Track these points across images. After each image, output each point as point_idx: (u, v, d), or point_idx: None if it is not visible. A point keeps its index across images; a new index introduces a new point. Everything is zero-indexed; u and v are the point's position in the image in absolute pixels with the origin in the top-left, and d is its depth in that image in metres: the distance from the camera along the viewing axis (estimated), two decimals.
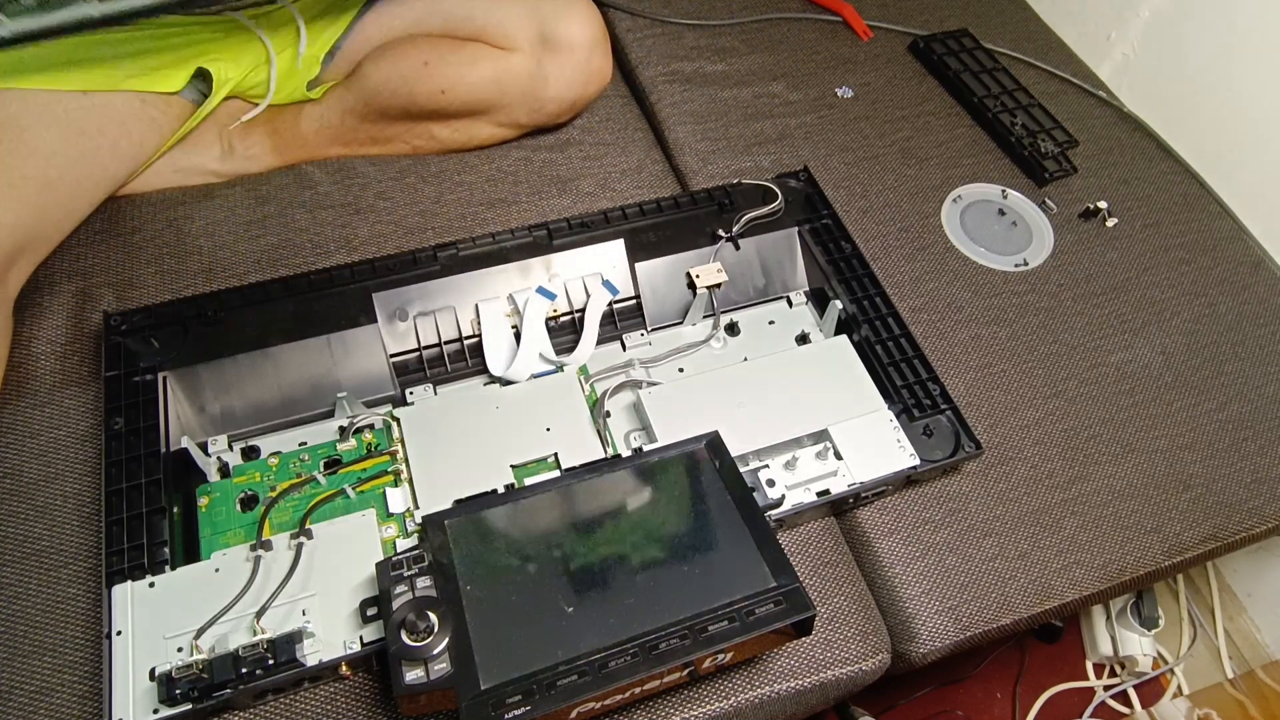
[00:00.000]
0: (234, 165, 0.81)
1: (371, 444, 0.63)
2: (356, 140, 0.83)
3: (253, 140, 0.82)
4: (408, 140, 0.83)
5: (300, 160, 0.83)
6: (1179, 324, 0.82)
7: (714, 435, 0.59)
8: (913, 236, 0.85)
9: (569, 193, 0.83)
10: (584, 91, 0.83)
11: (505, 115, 0.82)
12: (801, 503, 0.62)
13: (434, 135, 0.83)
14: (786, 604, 0.50)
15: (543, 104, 0.82)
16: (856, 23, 1.04)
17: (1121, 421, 0.74)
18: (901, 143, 0.93)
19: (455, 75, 0.77)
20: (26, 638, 0.56)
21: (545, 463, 0.63)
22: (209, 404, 0.63)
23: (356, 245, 0.77)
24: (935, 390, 0.68)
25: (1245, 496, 0.72)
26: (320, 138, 0.82)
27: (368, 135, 0.82)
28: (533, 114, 0.82)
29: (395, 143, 0.83)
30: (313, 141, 0.82)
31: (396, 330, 0.67)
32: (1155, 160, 0.96)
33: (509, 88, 0.79)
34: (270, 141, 0.82)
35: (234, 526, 0.58)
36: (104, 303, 0.71)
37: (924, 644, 0.63)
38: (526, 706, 0.45)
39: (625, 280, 0.72)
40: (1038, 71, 1.04)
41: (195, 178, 0.80)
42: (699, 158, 0.89)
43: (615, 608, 0.50)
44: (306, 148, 0.83)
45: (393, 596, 0.50)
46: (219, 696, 0.50)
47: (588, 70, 0.81)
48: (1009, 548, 0.66)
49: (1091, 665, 1.09)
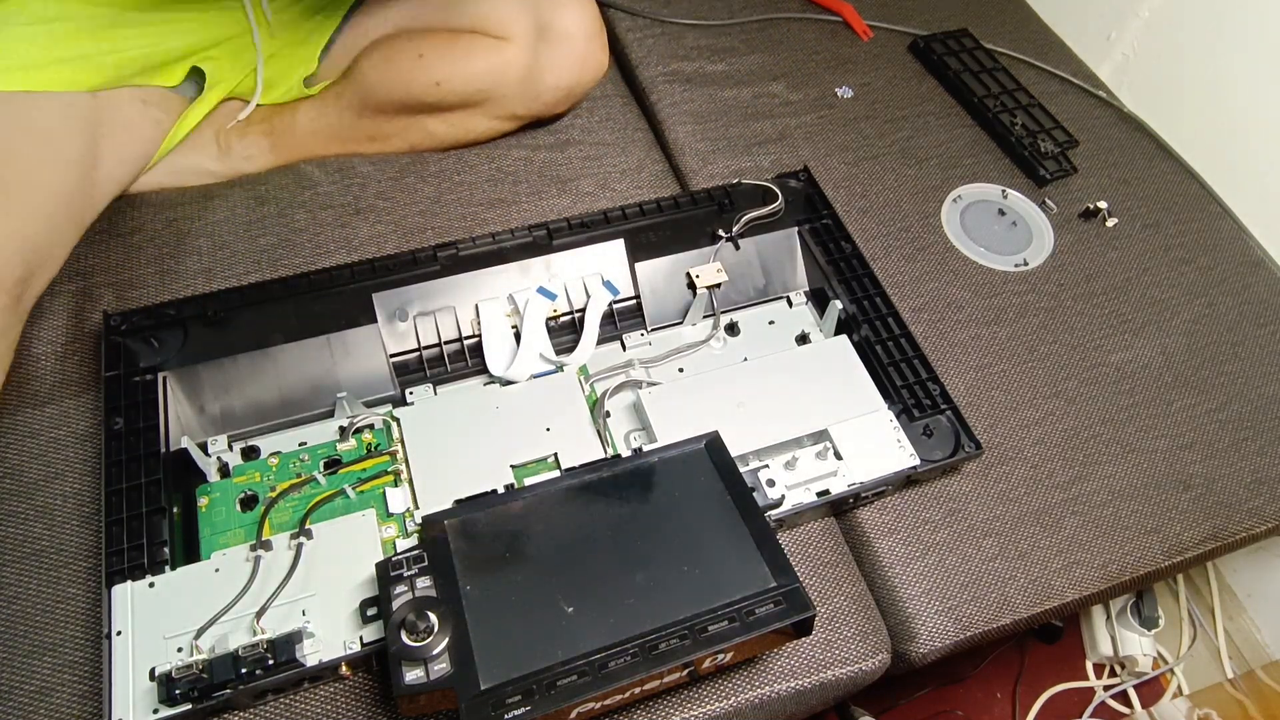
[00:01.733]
0: (231, 165, 0.81)
1: (371, 444, 0.63)
2: (353, 139, 0.82)
3: (249, 140, 0.82)
4: (404, 137, 0.83)
5: (297, 159, 0.83)
6: (1179, 324, 0.82)
7: (714, 435, 0.59)
8: (913, 236, 0.85)
9: (569, 193, 0.83)
10: (580, 80, 0.83)
11: (501, 107, 0.81)
12: (801, 503, 0.62)
13: (430, 131, 0.82)
14: (786, 604, 0.50)
15: (539, 94, 0.81)
16: (856, 23, 1.04)
17: (1121, 421, 0.74)
18: (901, 143, 0.93)
19: (450, 67, 0.77)
20: (26, 638, 0.56)
21: (545, 463, 0.63)
22: (209, 404, 0.63)
23: (356, 245, 0.77)
24: (935, 390, 0.68)
25: (1245, 496, 0.72)
26: (317, 137, 0.82)
27: (364, 133, 0.82)
28: (529, 104, 0.82)
29: (392, 140, 0.83)
30: (309, 140, 0.82)
31: (396, 330, 0.67)
32: (1155, 160, 0.96)
33: (505, 78, 0.78)
34: (267, 141, 0.82)
35: (234, 527, 0.58)
36: (104, 303, 0.71)
37: (924, 644, 0.63)
38: (526, 707, 0.45)
39: (625, 280, 0.72)
40: (1038, 71, 1.04)
41: (192, 178, 0.80)
42: (699, 158, 0.89)
43: (615, 608, 0.50)
44: (303, 147, 0.83)
45: (392, 596, 0.50)
46: (219, 697, 0.50)
47: (584, 59, 0.81)
48: (1009, 548, 0.66)
49: (1091, 665, 1.09)
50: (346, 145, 0.83)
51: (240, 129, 0.81)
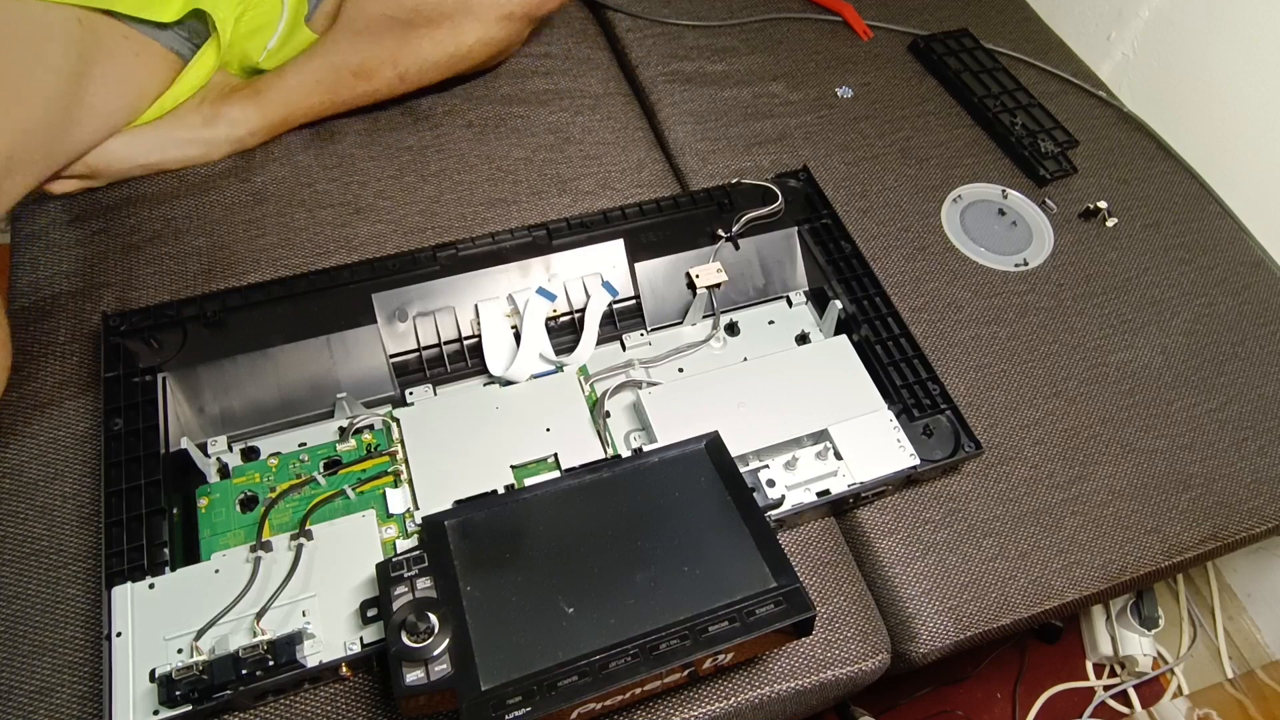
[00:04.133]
0: (218, 131, 0.79)
1: (371, 444, 0.63)
2: (342, 81, 0.80)
3: (234, 103, 0.79)
4: (394, 66, 0.80)
5: (285, 119, 0.81)
6: (1179, 324, 0.82)
7: (714, 435, 0.59)
8: (913, 236, 0.85)
9: (569, 192, 0.83)
10: None
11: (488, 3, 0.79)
12: (801, 503, 0.62)
13: (420, 55, 0.80)
14: (787, 604, 0.50)
15: None
16: (856, 23, 1.04)
17: (1121, 421, 0.74)
18: (901, 143, 0.93)
19: None
20: (26, 638, 0.56)
21: (545, 463, 0.63)
22: (208, 405, 0.63)
23: (356, 245, 0.76)
24: (935, 390, 0.68)
25: (1245, 496, 0.72)
26: (304, 85, 0.80)
27: (350, 68, 0.79)
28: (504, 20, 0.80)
29: (382, 72, 0.80)
30: (297, 92, 0.80)
31: (396, 330, 0.67)
32: (1155, 160, 0.96)
33: None
34: (253, 103, 0.80)
35: (234, 527, 0.58)
36: (103, 303, 0.71)
37: (924, 644, 0.63)
38: (527, 708, 0.45)
39: (625, 280, 0.72)
40: (1038, 71, 1.04)
41: (179, 149, 0.78)
42: (699, 158, 0.89)
43: (615, 608, 0.50)
44: (290, 103, 0.80)
45: (393, 597, 0.50)
46: (219, 698, 0.50)
47: None
48: (1009, 548, 0.66)
49: (1091, 665, 1.09)
50: (336, 92, 0.80)
51: (224, 94, 0.80)
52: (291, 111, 0.81)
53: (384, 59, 0.80)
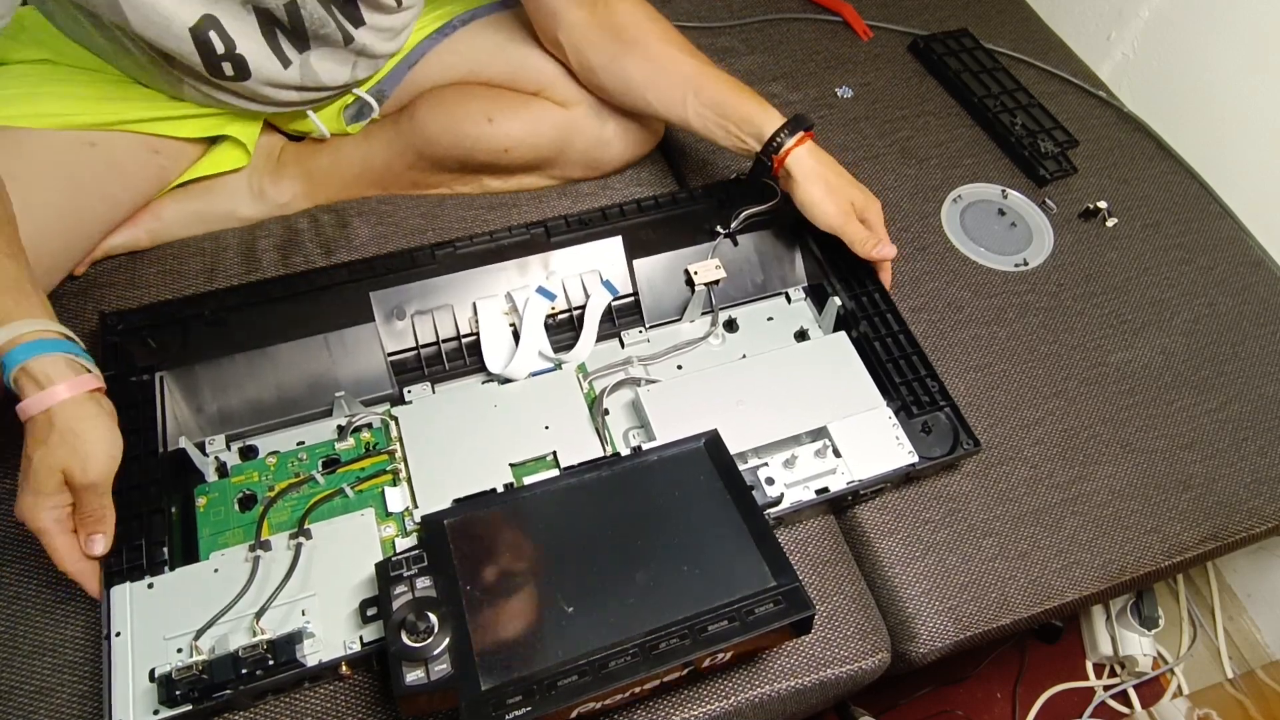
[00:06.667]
0: (265, 209, 0.78)
1: (370, 443, 0.62)
2: (397, 184, 0.80)
3: (285, 184, 0.78)
4: (452, 186, 0.80)
5: (333, 201, 0.80)
6: (1179, 324, 0.82)
7: (713, 433, 0.59)
8: (913, 236, 0.84)
9: (569, 192, 0.83)
10: (641, 152, 0.83)
11: (560, 171, 0.81)
12: (800, 501, 0.62)
13: (484, 185, 0.81)
14: (786, 603, 0.50)
15: (600, 164, 0.81)
16: (856, 23, 1.04)
17: (1121, 421, 0.74)
18: (901, 143, 0.93)
19: (520, 134, 0.75)
20: (26, 638, 0.56)
21: (544, 461, 0.62)
22: (207, 404, 0.63)
23: (357, 245, 0.76)
24: (934, 387, 0.68)
25: (1245, 496, 0.72)
26: (360, 180, 0.79)
27: (410, 180, 0.79)
28: (587, 170, 0.82)
29: (439, 188, 0.81)
30: (351, 184, 0.79)
31: (394, 329, 0.67)
32: (1155, 160, 0.96)
33: (571, 147, 0.78)
34: (303, 185, 0.79)
35: (232, 526, 0.58)
36: (103, 303, 0.71)
37: (924, 644, 0.63)
38: (527, 707, 0.45)
39: (623, 277, 0.72)
40: (1038, 71, 1.03)
41: (222, 224, 0.77)
42: (699, 156, 0.88)
43: (615, 607, 0.50)
44: (343, 189, 0.79)
45: (392, 597, 0.50)
46: (219, 697, 0.50)
47: (649, 132, 0.81)
48: (1009, 548, 0.66)
49: (1091, 665, 1.08)
50: (388, 188, 0.80)
51: (275, 171, 0.78)
52: (341, 197, 0.80)
53: (444, 182, 0.80)
